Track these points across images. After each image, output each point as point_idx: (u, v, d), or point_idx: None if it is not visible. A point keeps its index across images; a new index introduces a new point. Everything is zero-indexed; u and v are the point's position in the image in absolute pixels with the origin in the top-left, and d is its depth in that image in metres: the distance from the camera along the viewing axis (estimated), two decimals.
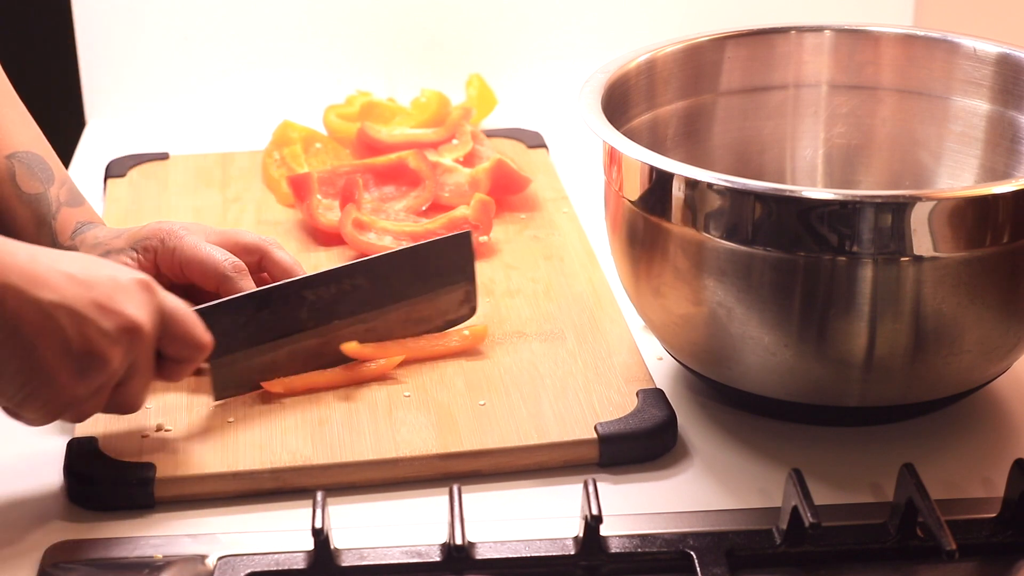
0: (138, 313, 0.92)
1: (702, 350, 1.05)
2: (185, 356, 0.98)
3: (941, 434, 1.06)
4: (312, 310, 1.09)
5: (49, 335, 0.89)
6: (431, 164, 1.38)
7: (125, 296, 0.92)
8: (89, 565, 0.94)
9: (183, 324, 0.97)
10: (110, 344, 0.91)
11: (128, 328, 0.92)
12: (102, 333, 0.90)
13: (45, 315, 0.88)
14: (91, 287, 0.90)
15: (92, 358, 0.91)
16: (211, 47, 1.64)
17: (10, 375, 0.89)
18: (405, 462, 1.02)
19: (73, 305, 0.89)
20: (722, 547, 0.93)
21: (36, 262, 0.89)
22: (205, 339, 0.99)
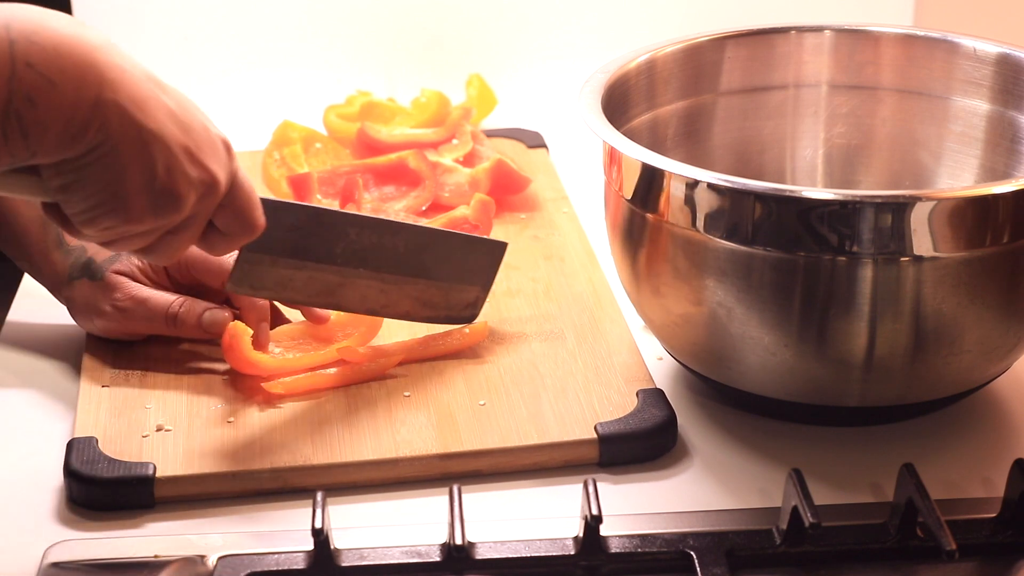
0: (219, 171, 0.91)
1: (702, 350, 1.05)
2: (233, 231, 0.96)
3: (941, 434, 1.06)
4: (347, 248, 1.09)
5: (140, 163, 0.86)
6: (431, 164, 1.38)
7: (212, 151, 0.90)
8: (89, 565, 0.94)
9: (247, 200, 0.95)
10: (189, 190, 0.89)
11: (208, 182, 0.90)
12: (186, 178, 0.89)
13: (143, 143, 0.86)
14: (188, 130, 0.88)
15: (170, 197, 0.89)
16: (211, 47, 1.64)
17: (90, 191, 0.86)
18: (405, 462, 1.02)
19: (169, 143, 0.87)
20: (722, 547, 0.93)
21: (144, 87, 0.86)
22: (259, 220, 0.97)
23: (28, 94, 0.81)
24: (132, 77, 0.85)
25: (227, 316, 1.12)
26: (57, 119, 0.82)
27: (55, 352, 1.17)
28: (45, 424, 1.08)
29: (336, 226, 1.08)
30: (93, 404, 1.07)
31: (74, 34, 0.83)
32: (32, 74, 0.81)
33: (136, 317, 1.12)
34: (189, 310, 1.12)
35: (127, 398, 1.08)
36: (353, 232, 1.09)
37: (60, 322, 1.18)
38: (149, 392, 1.09)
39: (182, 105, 0.89)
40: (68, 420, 1.08)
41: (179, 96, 0.89)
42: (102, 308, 1.13)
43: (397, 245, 1.11)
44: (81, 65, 0.82)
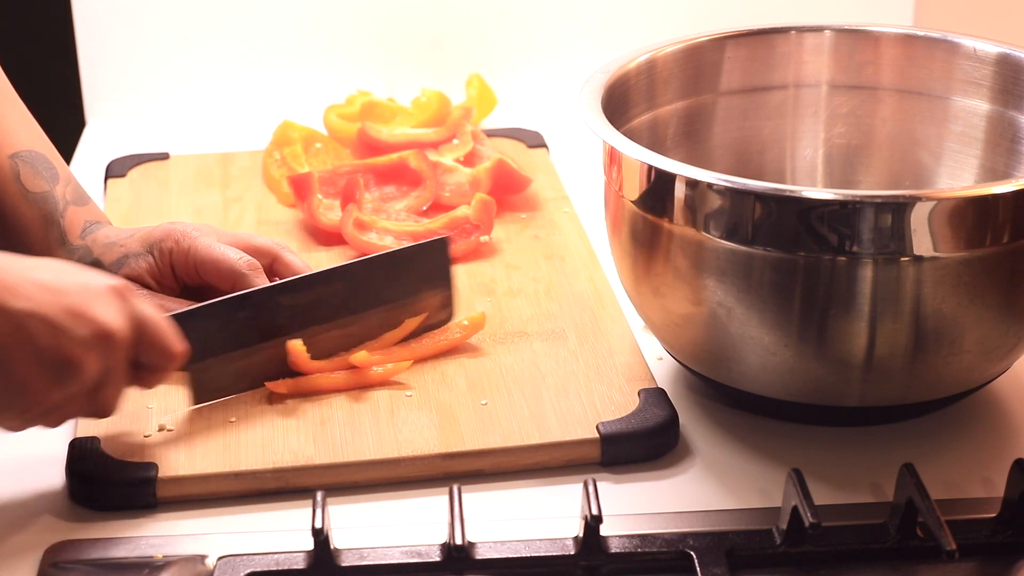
0: (112, 319, 0.91)
1: (702, 350, 1.05)
2: (159, 364, 0.97)
3: (941, 434, 1.06)
4: (290, 315, 1.08)
5: (22, 345, 0.87)
6: (432, 164, 1.38)
7: (99, 302, 0.91)
8: (89, 565, 0.94)
9: (157, 332, 0.96)
10: (84, 351, 0.90)
11: (102, 335, 0.91)
12: (76, 340, 0.89)
13: (17, 325, 0.87)
14: (64, 294, 0.89)
15: (66, 366, 0.90)
16: (211, 47, 1.64)
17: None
18: (407, 462, 1.02)
19: (46, 313, 0.88)
20: (722, 547, 0.93)
21: (7, 271, 0.88)
22: (178, 348, 0.98)
23: None
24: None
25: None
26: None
27: None
28: None
29: (266, 302, 1.08)
30: None
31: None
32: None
33: None
34: None
35: (129, 398, 1.08)
36: (284, 299, 1.08)
37: None
38: (151, 392, 1.09)
39: (54, 272, 0.90)
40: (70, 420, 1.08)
41: (49, 264, 0.91)
42: None
43: (337, 290, 1.10)
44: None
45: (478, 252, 1.29)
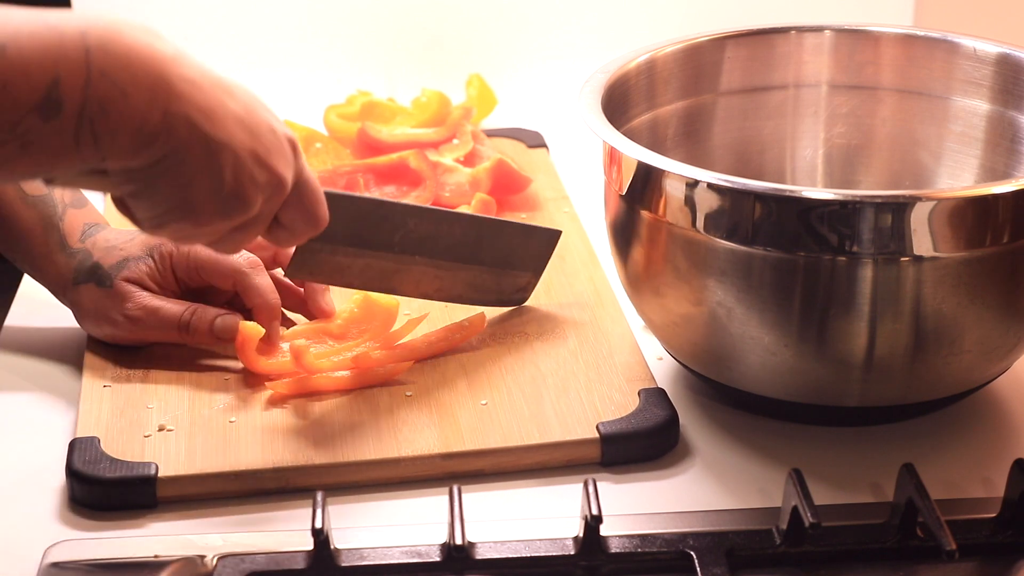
0: (286, 171, 0.92)
1: (702, 350, 1.05)
2: (298, 226, 0.97)
3: (941, 434, 1.06)
4: (404, 237, 1.10)
5: (208, 172, 0.87)
6: (432, 164, 1.38)
7: (279, 152, 0.91)
8: (89, 565, 0.94)
9: (312, 197, 0.96)
10: (257, 193, 0.90)
11: (275, 183, 0.91)
12: (253, 181, 0.90)
13: (210, 152, 0.87)
14: (255, 135, 0.89)
15: (238, 201, 0.90)
16: (211, 47, 1.64)
17: (160, 199, 0.88)
18: (407, 462, 1.02)
19: (237, 150, 0.88)
20: (722, 547, 0.93)
21: (212, 96, 0.88)
22: (324, 218, 0.98)
23: (101, 102, 0.82)
24: (200, 88, 0.87)
25: (238, 321, 1.12)
26: (127, 128, 0.83)
27: (56, 352, 1.17)
28: (47, 424, 1.08)
29: (396, 217, 1.10)
30: (95, 404, 1.08)
31: (147, 44, 0.84)
32: (106, 83, 0.82)
33: (147, 326, 1.13)
34: (200, 318, 1.12)
35: (129, 398, 1.08)
36: (412, 222, 1.10)
37: (61, 322, 1.18)
38: (151, 392, 1.09)
39: (250, 109, 0.90)
40: (70, 420, 1.08)
41: (247, 99, 0.90)
42: (112, 317, 1.13)
43: (454, 233, 1.13)
44: (152, 76, 0.83)
45: None
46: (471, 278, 1.15)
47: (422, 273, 1.13)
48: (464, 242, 1.14)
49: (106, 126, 0.82)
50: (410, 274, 1.12)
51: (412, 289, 1.13)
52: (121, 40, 0.83)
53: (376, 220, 1.09)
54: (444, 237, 1.13)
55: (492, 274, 1.16)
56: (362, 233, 1.08)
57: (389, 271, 1.11)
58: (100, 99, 0.82)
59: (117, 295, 1.13)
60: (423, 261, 1.12)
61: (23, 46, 0.79)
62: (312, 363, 1.09)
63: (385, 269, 1.11)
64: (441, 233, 1.12)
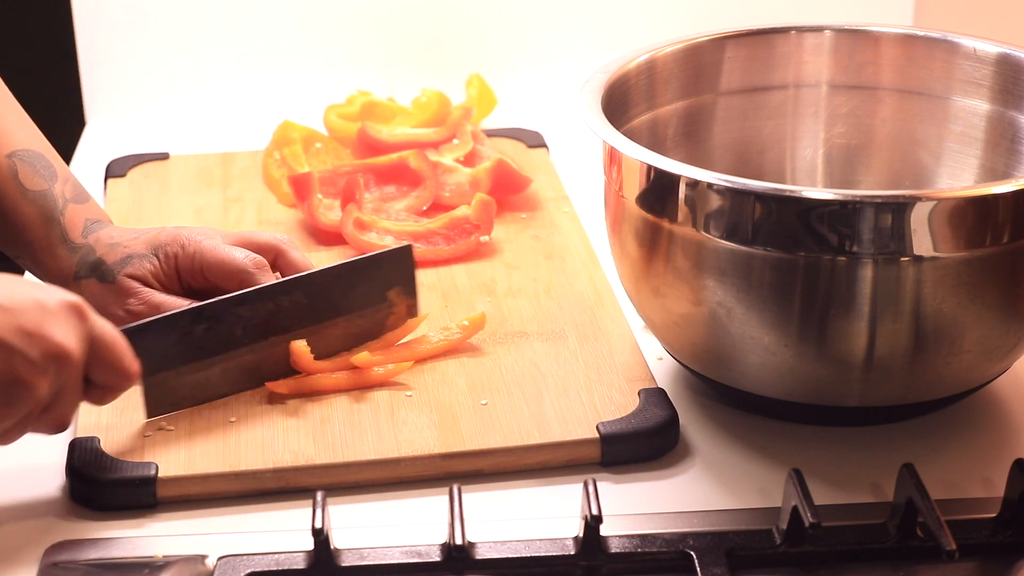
0: (66, 339, 0.89)
1: (702, 350, 1.05)
2: (112, 383, 0.96)
3: (941, 434, 1.06)
4: (247, 327, 1.07)
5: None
6: (432, 164, 1.38)
7: (53, 321, 0.89)
8: (89, 565, 0.94)
9: (111, 350, 0.94)
10: (37, 373, 0.88)
11: (55, 355, 0.89)
12: (28, 362, 0.88)
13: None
14: (16, 313, 0.87)
15: (18, 388, 0.88)
16: (211, 47, 1.64)
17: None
18: (407, 461, 1.02)
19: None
20: (722, 547, 0.93)
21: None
22: (133, 367, 0.96)
23: None
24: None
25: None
26: None
27: None
28: None
29: (223, 314, 1.06)
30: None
31: None
32: None
33: None
34: None
35: (129, 397, 1.08)
36: (244, 310, 1.07)
37: None
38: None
39: (7, 289, 0.88)
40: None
41: (7, 281, 0.88)
42: (114, 312, 1.13)
43: (297, 300, 1.09)
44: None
45: (478, 252, 1.29)
46: (343, 330, 1.11)
47: (285, 350, 1.09)
48: (313, 302, 1.09)
49: None
50: (276, 356, 1.09)
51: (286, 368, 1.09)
52: None
53: (204, 325, 1.05)
54: (288, 307, 1.08)
55: (361, 317, 1.12)
56: (197, 344, 1.05)
57: (252, 363, 1.08)
58: None
59: (120, 291, 1.12)
60: (280, 339, 1.09)
61: None
62: (313, 365, 1.09)
63: (246, 363, 1.08)
64: (283, 305, 1.08)
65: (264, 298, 1.08)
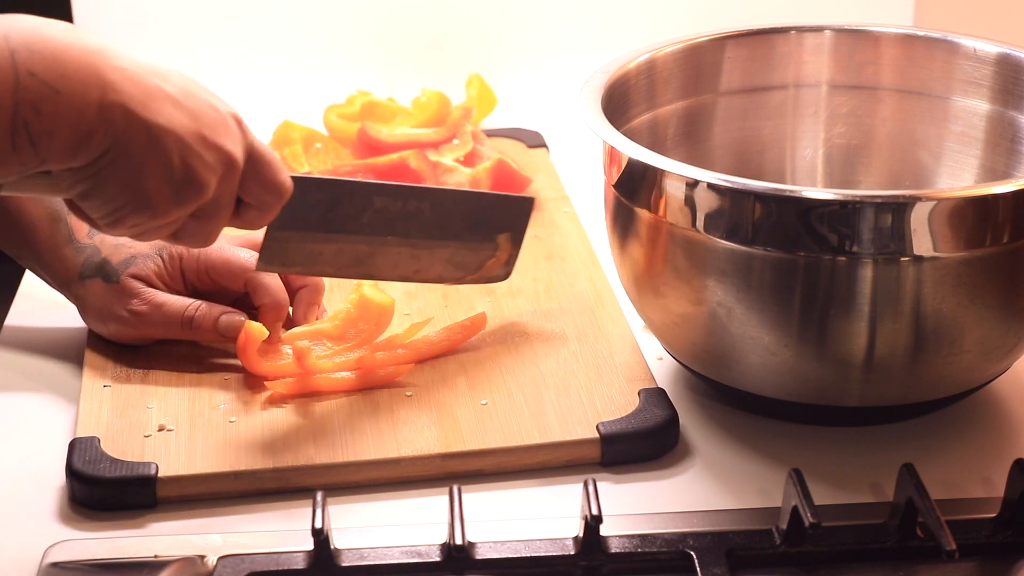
0: (234, 148, 0.91)
1: (702, 350, 1.05)
2: (264, 200, 0.96)
3: (941, 434, 1.06)
4: (374, 217, 1.09)
5: (155, 159, 0.87)
6: (432, 164, 1.38)
7: (224, 129, 0.91)
8: (89, 565, 0.94)
9: (268, 166, 0.95)
10: (209, 174, 0.90)
11: (226, 161, 0.91)
12: (203, 163, 0.89)
13: (153, 139, 0.86)
14: (196, 116, 0.89)
15: (191, 186, 0.89)
16: (211, 47, 1.64)
17: (110, 195, 0.87)
18: (407, 461, 1.02)
19: (180, 133, 0.87)
20: (722, 547, 0.93)
21: (146, 82, 0.87)
22: (287, 184, 0.97)
23: (34, 103, 0.81)
24: (133, 75, 0.86)
25: (243, 320, 1.12)
26: (64, 126, 0.82)
27: (56, 352, 1.17)
28: (47, 424, 1.08)
29: (361, 196, 1.08)
30: (95, 404, 1.08)
31: (72, 39, 0.83)
32: (36, 83, 0.81)
33: (152, 322, 1.12)
34: (205, 315, 1.12)
35: (129, 398, 1.08)
36: (379, 201, 1.08)
37: (62, 321, 1.18)
38: (151, 392, 1.09)
39: (186, 90, 0.89)
40: (70, 420, 1.08)
41: (182, 81, 0.90)
42: (117, 313, 1.13)
43: (424, 210, 1.11)
44: (82, 70, 0.83)
45: None
46: (449, 255, 1.13)
47: (397, 254, 1.11)
48: (436, 218, 1.12)
49: (41, 126, 0.82)
50: (385, 256, 1.10)
51: (389, 272, 1.11)
52: (44, 38, 0.82)
53: (341, 201, 1.07)
54: (414, 214, 1.10)
55: (470, 249, 1.14)
56: (329, 216, 1.06)
57: (363, 255, 1.09)
58: (32, 100, 0.81)
59: (123, 291, 1.12)
60: (396, 241, 1.10)
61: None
62: (315, 365, 1.09)
63: (358, 253, 1.09)
64: (410, 210, 1.10)
65: (399, 196, 1.09)
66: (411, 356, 1.11)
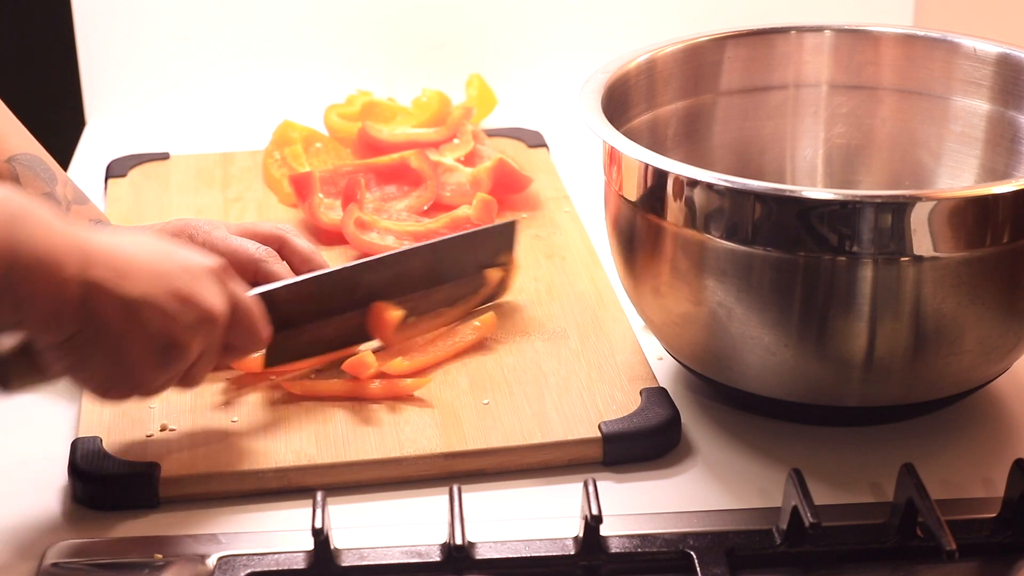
0: (215, 303, 0.93)
1: (702, 350, 1.06)
2: (244, 345, 0.99)
3: (941, 434, 1.06)
4: (366, 290, 1.11)
5: (134, 331, 0.89)
6: (432, 164, 1.38)
7: (202, 286, 0.92)
8: (90, 565, 0.94)
9: (248, 316, 0.97)
10: (191, 335, 0.92)
11: (206, 318, 0.92)
12: (183, 326, 0.91)
13: (132, 311, 0.88)
14: (171, 279, 0.90)
15: (174, 350, 0.91)
16: (211, 47, 1.64)
17: (95, 367, 0.90)
18: (409, 461, 1.02)
19: (156, 300, 0.89)
20: (722, 547, 0.93)
21: (117, 253, 0.88)
22: (265, 332, 1.00)
23: (23, 271, 0.84)
24: (108, 249, 0.88)
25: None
26: (44, 294, 0.85)
27: None
28: (49, 423, 1.08)
29: (349, 279, 1.10)
30: (97, 403, 1.08)
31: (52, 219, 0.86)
32: (25, 252, 0.83)
33: None
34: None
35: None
36: (367, 276, 1.11)
37: None
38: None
39: (161, 256, 0.91)
40: (72, 419, 1.08)
41: (156, 246, 0.92)
42: None
43: (412, 269, 1.13)
44: (65, 244, 0.86)
45: None
46: (445, 296, 1.15)
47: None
48: (423, 271, 1.13)
49: (27, 291, 0.84)
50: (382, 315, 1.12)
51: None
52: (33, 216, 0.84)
53: (329, 290, 1.09)
54: (403, 276, 1.12)
55: (465, 284, 1.16)
56: (321, 306, 1.09)
57: (360, 322, 1.11)
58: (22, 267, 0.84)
59: None
60: (392, 303, 1.12)
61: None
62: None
63: (355, 323, 1.11)
64: (399, 274, 1.12)
65: (385, 267, 1.12)
66: (427, 362, 1.11)
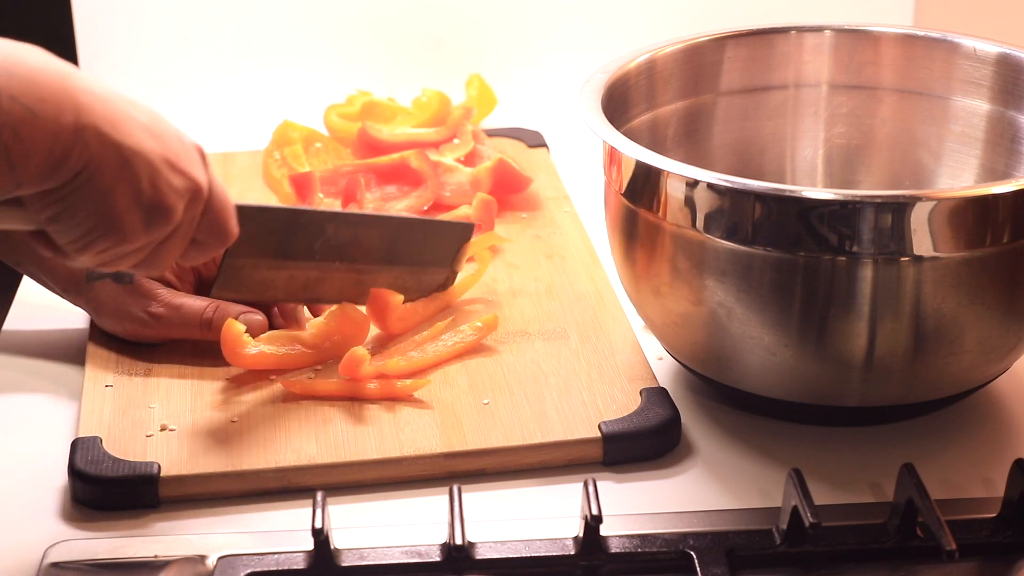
0: (200, 177, 0.92)
1: (702, 350, 1.06)
2: (208, 240, 0.96)
3: (941, 434, 1.06)
4: (324, 244, 1.11)
5: (126, 181, 0.87)
6: (432, 164, 1.38)
7: (189, 158, 0.91)
8: (90, 565, 0.94)
9: (221, 207, 0.95)
10: (177, 199, 0.90)
11: (192, 188, 0.91)
12: (172, 188, 0.89)
13: (124, 161, 0.86)
14: (164, 142, 0.89)
15: (160, 210, 0.89)
16: (211, 47, 1.64)
17: (80, 218, 0.87)
18: (409, 461, 1.02)
19: (149, 156, 0.88)
20: (722, 547, 0.93)
21: (116, 106, 0.87)
22: (233, 230, 0.97)
23: (13, 127, 0.81)
24: (104, 100, 0.86)
25: (261, 320, 1.12)
26: (40, 148, 0.83)
27: (58, 352, 1.17)
28: (49, 424, 1.09)
29: (314, 224, 1.10)
30: (97, 403, 1.08)
31: (46, 63, 0.84)
32: (16, 106, 0.82)
33: (170, 324, 1.13)
34: (223, 315, 1.12)
35: (131, 397, 1.09)
36: (331, 228, 1.11)
37: (62, 323, 1.19)
38: (153, 391, 1.09)
39: (154, 118, 0.90)
40: (72, 419, 1.08)
41: (149, 110, 0.90)
42: (134, 314, 1.13)
43: (371, 236, 1.13)
44: (58, 92, 0.83)
45: None
46: (392, 279, 1.15)
47: (344, 280, 1.13)
48: (382, 244, 1.14)
49: (20, 149, 0.82)
50: (332, 281, 1.13)
51: (335, 296, 1.13)
52: (21, 62, 0.82)
53: (295, 229, 1.09)
54: (363, 240, 1.13)
55: (411, 273, 1.17)
56: (283, 244, 1.08)
57: (312, 280, 1.12)
58: (12, 123, 0.81)
59: (139, 292, 1.13)
60: (344, 267, 1.12)
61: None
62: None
63: (308, 278, 1.11)
64: (360, 237, 1.12)
65: (349, 224, 1.12)
66: (427, 361, 1.11)
